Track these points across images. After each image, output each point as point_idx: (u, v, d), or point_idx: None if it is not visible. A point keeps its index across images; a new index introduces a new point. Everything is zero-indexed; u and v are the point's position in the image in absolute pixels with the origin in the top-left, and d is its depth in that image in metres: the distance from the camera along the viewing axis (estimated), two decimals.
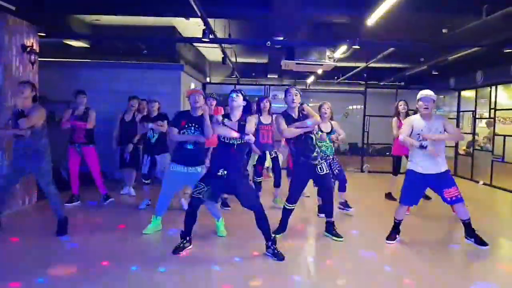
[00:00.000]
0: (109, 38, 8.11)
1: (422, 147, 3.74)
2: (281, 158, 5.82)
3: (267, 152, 5.30)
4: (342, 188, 5.13)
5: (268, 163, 5.44)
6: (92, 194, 5.51)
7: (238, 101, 3.53)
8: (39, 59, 5.42)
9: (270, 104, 5.36)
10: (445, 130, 3.83)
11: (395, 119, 5.80)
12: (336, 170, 5.00)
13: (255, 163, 5.34)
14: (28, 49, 5.13)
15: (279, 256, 3.48)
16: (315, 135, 4.07)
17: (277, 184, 5.44)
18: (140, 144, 5.69)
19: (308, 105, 4.13)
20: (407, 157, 4.84)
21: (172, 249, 3.57)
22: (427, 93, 3.85)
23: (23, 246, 3.72)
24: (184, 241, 3.62)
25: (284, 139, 5.09)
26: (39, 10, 5.42)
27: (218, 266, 3.35)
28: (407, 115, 5.63)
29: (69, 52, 8.16)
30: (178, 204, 5.07)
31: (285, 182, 5.47)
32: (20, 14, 4.94)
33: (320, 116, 4.77)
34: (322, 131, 4.87)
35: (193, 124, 3.89)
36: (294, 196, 4.07)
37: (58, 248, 3.70)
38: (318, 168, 3.99)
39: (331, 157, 5.00)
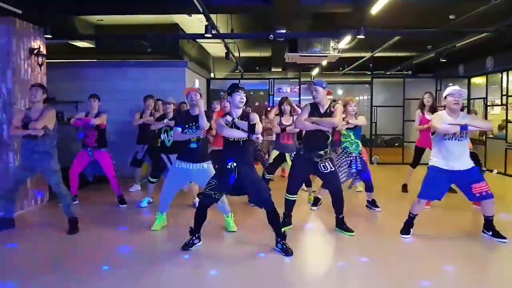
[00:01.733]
0: (113, 38, 8.15)
1: (463, 128, 3.57)
2: None
3: (287, 154, 5.14)
4: (368, 189, 4.97)
5: (286, 165, 5.22)
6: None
7: (244, 99, 3.55)
8: (46, 60, 5.48)
9: (291, 106, 5.28)
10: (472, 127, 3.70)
11: (418, 111, 5.66)
12: (358, 168, 4.82)
13: (271, 161, 5.28)
14: (36, 51, 5.19)
15: (287, 252, 3.48)
16: (331, 135, 4.01)
17: (307, 184, 5.31)
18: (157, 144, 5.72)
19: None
20: None
21: (181, 246, 3.60)
22: (457, 88, 3.73)
23: (37, 244, 3.80)
24: (194, 238, 3.64)
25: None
26: (44, 12, 5.46)
27: (227, 262, 3.38)
28: (432, 108, 5.45)
29: (75, 52, 8.24)
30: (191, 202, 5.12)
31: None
32: (26, 17, 4.99)
33: (347, 114, 4.82)
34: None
35: (193, 123, 3.93)
36: (292, 187, 4.10)
37: (69, 246, 3.77)
38: (321, 166, 3.95)
39: (354, 154, 4.85)
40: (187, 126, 3.93)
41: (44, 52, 5.41)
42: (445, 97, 3.78)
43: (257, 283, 2.99)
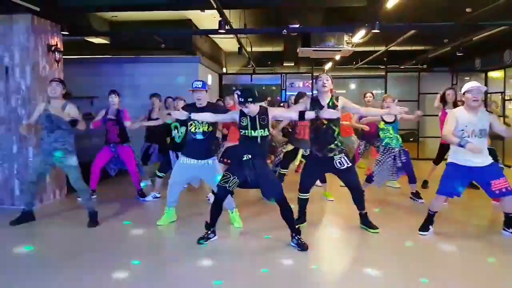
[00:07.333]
0: (127, 34, 8.23)
1: (460, 145, 3.53)
2: None
3: (301, 150, 5.07)
4: (411, 180, 5.05)
5: (298, 160, 5.20)
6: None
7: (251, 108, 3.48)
8: (63, 56, 5.57)
9: None
10: (491, 127, 3.66)
11: (439, 104, 5.55)
12: (400, 163, 4.87)
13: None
14: (53, 48, 5.28)
15: (303, 247, 3.49)
16: (337, 128, 3.91)
17: (322, 180, 5.25)
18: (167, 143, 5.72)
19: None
20: None
21: (197, 240, 3.65)
22: (476, 84, 3.63)
23: (57, 236, 3.90)
24: (209, 232, 3.69)
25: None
26: (61, 10, 5.54)
27: (243, 256, 3.42)
28: (455, 105, 5.29)
29: (90, 48, 8.35)
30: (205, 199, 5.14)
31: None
32: (44, 15, 5.07)
33: (383, 109, 4.84)
34: (385, 121, 4.91)
35: None
36: (304, 186, 4.06)
37: (88, 239, 3.86)
38: (337, 162, 3.87)
39: (396, 149, 4.89)
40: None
41: (61, 49, 5.50)
42: (463, 93, 3.69)
43: (274, 278, 3.01)
